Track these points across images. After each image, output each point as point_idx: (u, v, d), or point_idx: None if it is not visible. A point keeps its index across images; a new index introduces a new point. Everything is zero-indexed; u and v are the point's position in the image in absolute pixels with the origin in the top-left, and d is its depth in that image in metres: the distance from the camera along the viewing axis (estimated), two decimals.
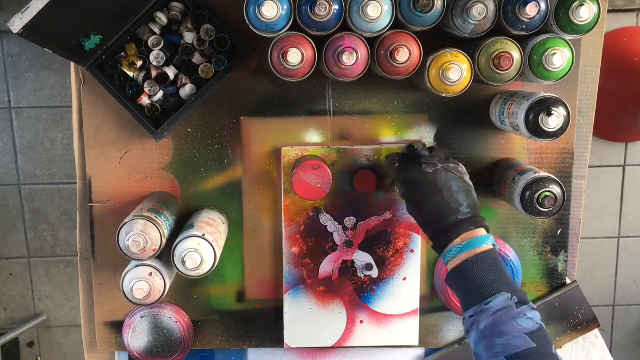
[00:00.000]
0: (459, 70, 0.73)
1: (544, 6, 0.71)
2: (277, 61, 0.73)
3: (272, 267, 0.92)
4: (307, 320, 0.92)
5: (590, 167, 0.93)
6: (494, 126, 0.87)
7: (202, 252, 0.75)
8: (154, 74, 0.82)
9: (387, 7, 0.71)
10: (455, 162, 0.78)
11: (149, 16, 0.80)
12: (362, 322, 0.93)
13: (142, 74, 0.82)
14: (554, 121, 0.73)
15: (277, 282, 0.93)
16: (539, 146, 0.89)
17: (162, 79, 0.82)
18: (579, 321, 0.95)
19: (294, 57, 0.71)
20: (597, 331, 0.96)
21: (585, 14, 0.70)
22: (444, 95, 0.75)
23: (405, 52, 0.72)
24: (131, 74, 0.83)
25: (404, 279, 0.91)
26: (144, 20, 0.80)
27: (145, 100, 0.83)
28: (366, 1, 0.69)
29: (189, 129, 0.88)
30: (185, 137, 0.88)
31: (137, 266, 0.78)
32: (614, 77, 1.63)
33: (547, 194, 0.77)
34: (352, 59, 0.72)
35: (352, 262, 0.91)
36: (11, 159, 1.80)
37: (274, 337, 0.94)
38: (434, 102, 0.88)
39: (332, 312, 0.92)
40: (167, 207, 0.83)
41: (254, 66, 0.86)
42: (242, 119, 0.88)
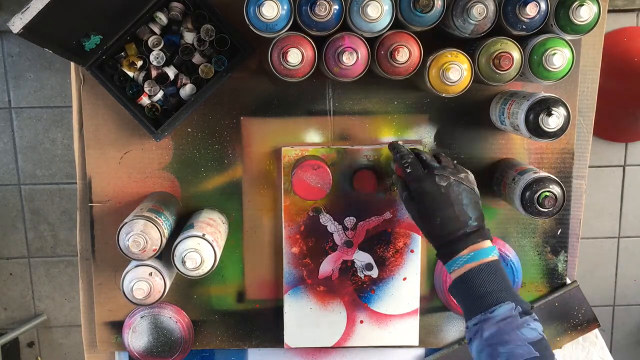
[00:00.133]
0: (459, 70, 0.73)
1: (544, 6, 0.71)
2: (277, 61, 0.73)
3: (272, 267, 0.92)
4: (307, 320, 0.92)
5: (590, 167, 0.93)
6: (494, 126, 0.87)
7: (202, 252, 0.75)
8: (154, 74, 0.82)
9: (387, 7, 0.71)
10: (464, 170, 0.77)
11: (149, 16, 0.80)
12: (362, 322, 0.93)
13: (142, 74, 0.82)
14: (554, 121, 0.73)
15: (277, 282, 0.93)
16: (539, 146, 0.89)
17: (162, 79, 0.82)
18: (579, 321, 0.95)
19: (294, 57, 0.71)
20: (597, 331, 0.96)
21: (585, 14, 0.70)
22: (444, 95, 0.75)
23: (405, 52, 0.72)
24: (131, 74, 0.83)
25: (404, 279, 0.91)
26: (144, 20, 0.80)
27: (145, 100, 0.83)
28: (366, 1, 0.69)
29: (189, 129, 0.88)
30: (185, 137, 0.88)
31: (137, 266, 0.78)
32: (614, 77, 1.63)
33: (547, 194, 0.77)
34: (352, 59, 0.72)
35: (352, 262, 0.91)
36: (11, 159, 1.80)
37: (274, 337, 0.94)
38: (434, 102, 0.88)
39: (332, 312, 0.92)
40: (167, 207, 0.83)
41: (254, 66, 0.86)
42: (242, 119, 0.88)
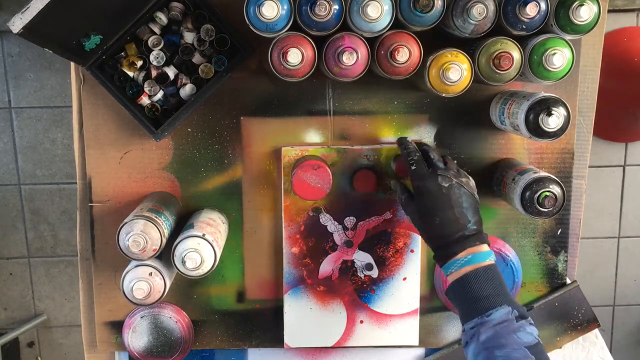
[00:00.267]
0: (459, 70, 0.73)
1: (544, 6, 0.71)
2: (277, 61, 0.73)
3: (272, 267, 0.92)
4: (307, 320, 0.92)
5: (590, 167, 0.93)
6: (494, 126, 0.87)
7: (202, 252, 0.75)
8: (154, 74, 0.82)
9: (387, 7, 0.71)
10: (467, 175, 0.78)
11: (149, 16, 0.80)
12: (362, 322, 0.93)
13: (142, 74, 0.82)
14: (554, 121, 0.73)
15: (277, 282, 0.93)
16: (539, 146, 0.89)
17: (162, 79, 0.82)
18: (579, 321, 0.95)
19: (294, 57, 0.71)
20: (597, 331, 0.96)
21: (585, 14, 0.70)
22: (444, 95, 0.75)
23: (405, 52, 0.72)
24: (131, 74, 0.83)
25: (404, 279, 0.91)
26: (144, 20, 0.80)
27: (145, 100, 0.83)
28: (366, 1, 0.69)
29: (189, 129, 0.88)
30: (185, 137, 0.88)
31: (137, 266, 0.78)
32: (614, 77, 1.63)
33: (547, 194, 0.77)
34: (352, 59, 0.72)
35: (352, 262, 0.91)
36: (11, 159, 1.80)
37: (274, 337, 0.94)
38: (434, 102, 0.88)
39: (332, 312, 0.92)
40: (167, 207, 0.83)
41: (254, 66, 0.86)
42: (242, 119, 0.88)
